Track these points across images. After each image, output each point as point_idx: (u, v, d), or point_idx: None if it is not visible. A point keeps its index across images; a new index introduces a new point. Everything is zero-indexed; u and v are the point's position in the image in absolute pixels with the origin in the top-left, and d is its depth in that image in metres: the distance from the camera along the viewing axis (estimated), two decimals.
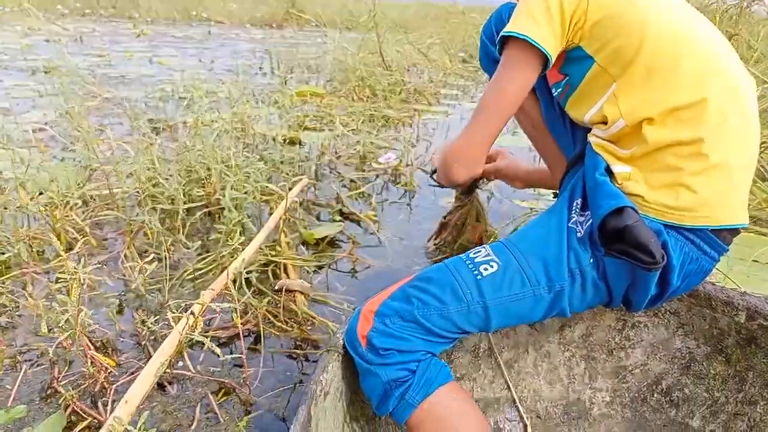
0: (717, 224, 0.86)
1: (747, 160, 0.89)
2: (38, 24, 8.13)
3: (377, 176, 2.48)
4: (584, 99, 0.97)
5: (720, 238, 0.88)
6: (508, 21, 1.08)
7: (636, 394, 1.13)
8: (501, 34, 0.95)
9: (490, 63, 1.34)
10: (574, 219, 0.91)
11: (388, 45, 5.56)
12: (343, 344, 0.96)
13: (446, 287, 0.89)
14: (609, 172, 0.90)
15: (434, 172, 1.38)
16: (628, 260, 0.82)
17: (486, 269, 0.90)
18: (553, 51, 0.91)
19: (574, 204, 0.93)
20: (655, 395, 1.12)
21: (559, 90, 1.05)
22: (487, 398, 1.17)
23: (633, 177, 0.87)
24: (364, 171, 2.55)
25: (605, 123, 0.91)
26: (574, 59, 0.96)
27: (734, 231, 0.89)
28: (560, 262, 0.88)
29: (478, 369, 1.19)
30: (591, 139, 0.97)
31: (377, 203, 2.18)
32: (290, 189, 1.92)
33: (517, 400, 1.16)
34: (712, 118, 0.84)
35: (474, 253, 0.94)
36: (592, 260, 0.88)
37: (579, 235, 0.89)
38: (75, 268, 0.98)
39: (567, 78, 1.01)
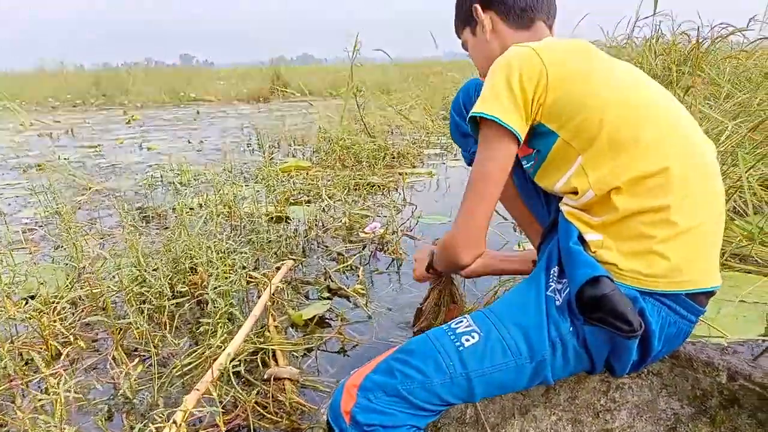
0: (691, 288, 0.88)
1: (714, 222, 0.93)
2: (29, 120, 8.34)
3: (364, 246, 2.51)
4: (552, 171, 1.01)
5: (696, 301, 0.90)
6: (476, 98, 1.15)
7: None
8: (470, 114, 0.99)
9: (459, 137, 1.40)
10: (552, 287, 0.93)
11: (371, 110, 5.72)
12: (327, 421, 0.95)
13: (429, 359, 0.90)
14: (582, 240, 0.93)
15: (428, 267, 1.43)
16: (606, 328, 0.84)
17: (468, 340, 0.91)
18: (520, 129, 0.96)
19: (551, 272, 0.95)
20: None
21: (530, 163, 1.08)
22: None
23: (605, 245, 0.90)
24: (351, 242, 2.58)
25: (576, 193, 0.95)
26: (540, 134, 1.00)
27: (709, 293, 0.92)
28: (540, 331, 0.89)
29: None
30: (563, 207, 1.00)
31: (365, 275, 2.19)
32: (274, 274, 1.94)
33: None
34: (677, 184, 0.87)
35: (455, 324, 0.95)
36: (571, 329, 0.89)
37: (558, 303, 0.90)
38: (55, 386, 0.99)
39: (535, 152, 1.05)
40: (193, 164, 4.47)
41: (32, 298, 1.91)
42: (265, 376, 1.47)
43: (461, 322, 0.95)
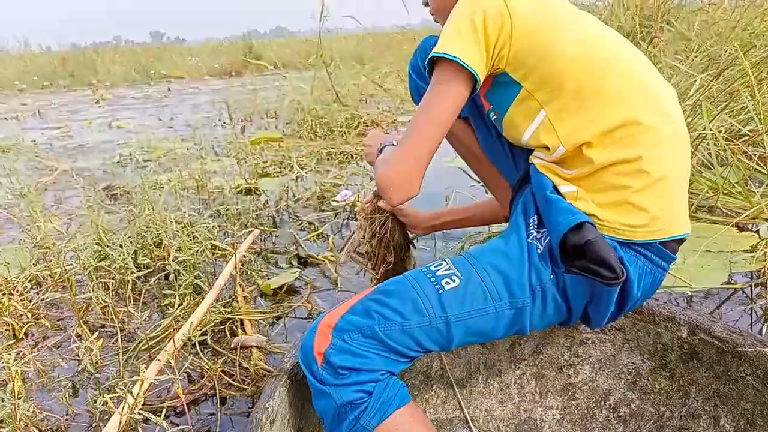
0: (667, 236, 0.89)
1: (683, 169, 0.93)
2: None
3: (336, 215, 2.49)
4: (517, 122, 0.99)
5: (668, 248, 0.90)
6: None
7: (585, 411, 1.14)
8: (430, 54, 0.94)
9: (418, 96, 1.37)
10: (533, 235, 0.91)
11: (344, 80, 5.64)
12: (295, 362, 0.93)
13: (407, 301, 0.87)
14: (557, 191, 0.92)
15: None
16: (589, 276, 0.83)
17: (448, 283, 0.88)
18: (479, 70, 0.91)
19: (530, 221, 0.94)
20: (604, 411, 1.13)
21: (492, 116, 1.07)
22: (439, 419, 1.17)
23: (580, 196, 0.89)
24: (323, 211, 2.55)
25: (547, 149, 0.93)
26: (502, 84, 0.97)
27: (680, 240, 0.92)
28: (522, 278, 0.88)
29: (431, 390, 1.19)
30: (534, 161, 0.99)
31: (336, 243, 2.18)
32: (240, 245, 1.92)
33: (469, 421, 1.16)
34: (646, 134, 0.87)
35: (435, 266, 0.92)
36: (552, 277, 0.88)
37: (539, 251, 0.89)
38: (8, 360, 0.97)
39: (492, 105, 1.04)
40: (164, 141, 4.39)
41: None
42: (233, 345, 1.46)
43: (440, 264, 0.92)
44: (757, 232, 1.90)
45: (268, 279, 1.84)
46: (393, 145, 1.22)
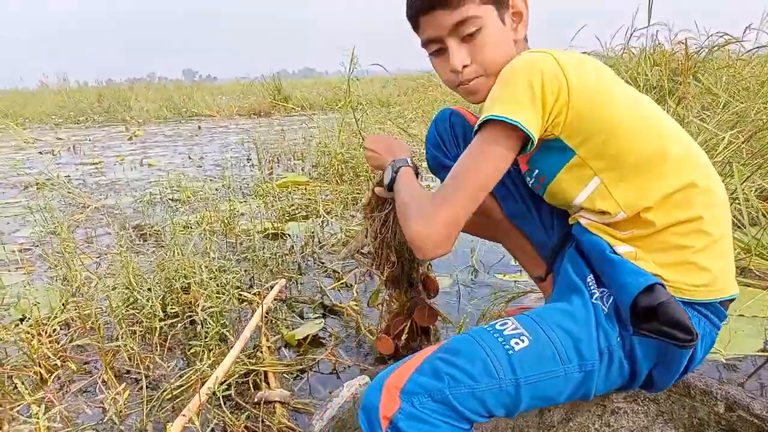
0: (725, 296, 0.89)
1: (730, 228, 0.93)
2: (30, 137, 8.39)
3: (360, 264, 2.50)
4: (565, 188, 0.98)
5: (724, 308, 0.91)
6: (455, 125, 1.12)
7: None
8: (485, 117, 0.89)
9: (439, 169, 1.37)
10: (595, 295, 0.90)
11: (369, 123, 5.72)
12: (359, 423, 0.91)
13: (477, 361, 0.82)
14: (613, 252, 0.91)
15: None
16: (661, 339, 0.81)
17: (517, 344, 0.84)
18: (536, 132, 0.88)
19: (588, 280, 0.92)
20: None
21: (535, 179, 1.05)
22: None
23: (640, 257, 0.88)
24: (348, 258, 2.56)
25: (603, 213, 0.93)
26: (553, 149, 0.95)
27: (732, 300, 0.92)
28: (590, 340, 0.85)
29: None
30: (581, 221, 0.98)
31: (359, 291, 2.18)
32: (267, 293, 1.93)
33: None
34: (702, 195, 0.88)
35: (501, 325, 0.88)
36: (618, 339, 0.86)
37: (605, 311, 0.87)
38: (36, 415, 0.98)
39: (537, 170, 1.02)
40: (193, 180, 4.48)
41: (24, 319, 1.90)
42: (256, 400, 1.45)
43: (506, 324, 0.88)
44: None
45: (293, 329, 1.84)
46: (408, 165, 1.19)
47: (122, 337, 1.56)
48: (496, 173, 0.91)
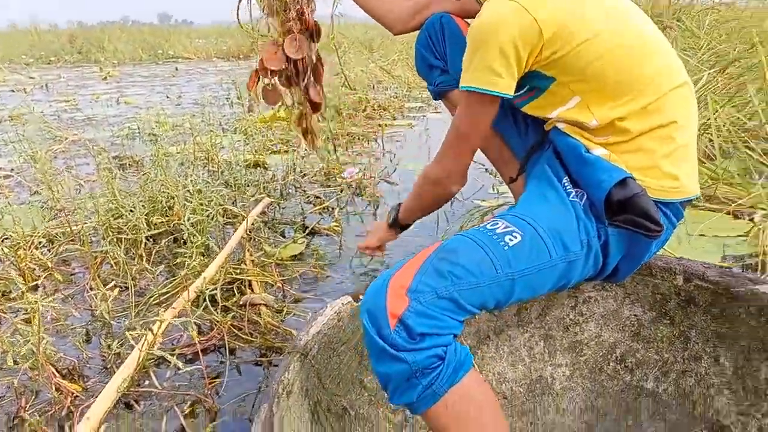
0: (686, 196, 0.94)
1: (695, 135, 0.98)
2: (1, 76, 8.13)
3: (342, 190, 2.53)
4: (544, 106, 1.02)
5: (682, 207, 0.96)
6: (444, 25, 1.13)
7: (593, 365, 1.19)
8: (462, 87, 0.96)
9: (426, 69, 1.40)
10: (572, 194, 0.94)
11: (352, 65, 5.67)
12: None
13: (477, 259, 0.85)
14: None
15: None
16: (633, 229, 0.87)
17: (511, 239, 0.87)
18: (511, 90, 0.94)
19: (563, 182, 0.97)
20: (611, 364, 1.18)
21: (519, 98, 1.07)
22: None
23: (613, 159, 0.93)
24: (329, 187, 2.60)
25: (580, 124, 0.97)
26: (532, 77, 0.98)
27: (690, 201, 0.98)
28: (573, 232, 0.90)
29: None
30: (559, 125, 1.01)
31: (341, 216, 2.22)
32: (251, 209, 1.96)
33: None
34: (671, 105, 0.92)
35: (491, 225, 0.91)
36: (595, 232, 0.91)
37: (582, 208, 0.92)
38: (35, 299, 1.01)
39: (527, 89, 1.04)
40: (172, 117, 4.42)
41: (5, 239, 1.91)
42: (241, 302, 1.51)
43: (496, 223, 0.91)
44: (752, 219, 1.95)
45: (275, 247, 1.89)
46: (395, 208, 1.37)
47: (108, 244, 1.59)
48: (486, 126, 1.03)
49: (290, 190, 2.56)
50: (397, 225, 1.38)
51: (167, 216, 1.95)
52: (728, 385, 1.04)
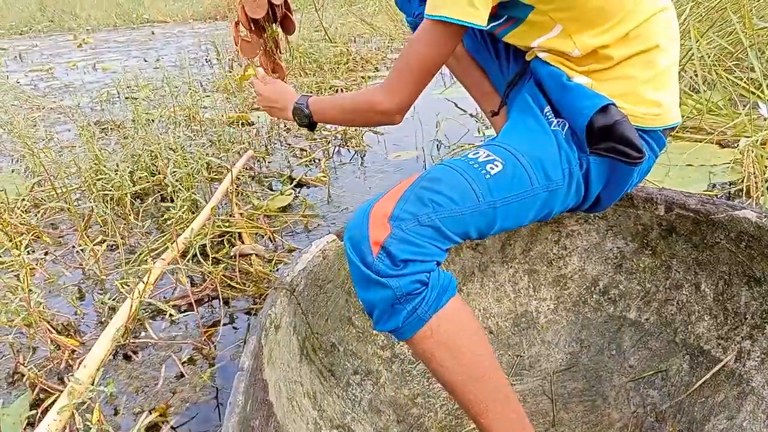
0: (668, 124, 0.93)
1: (677, 60, 0.96)
2: None
3: (328, 142, 2.52)
4: (525, 36, 0.99)
5: (664, 135, 0.95)
6: None
7: (577, 298, 1.21)
8: (432, 15, 0.90)
9: (405, 2, 1.37)
10: (553, 123, 0.93)
11: (332, 19, 5.55)
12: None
13: (458, 187, 0.85)
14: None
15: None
16: (614, 157, 0.86)
17: (492, 168, 0.87)
18: (483, 21, 0.90)
19: (545, 111, 0.95)
20: (594, 296, 1.20)
21: (498, 27, 1.04)
22: None
23: (595, 87, 0.91)
24: (314, 140, 2.58)
25: (562, 53, 0.94)
26: (512, 6, 0.95)
27: (672, 128, 0.97)
28: (555, 161, 0.89)
29: None
30: (540, 54, 0.99)
31: (329, 167, 2.21)
32: (235, 162, 1.95)
33: None
34: (653, 31, 0.90)
35: (473, 154, 0.91)
36: (577, 160, 0.91)
37: (563, 136, 0.91)
38: (19, 253, 1.01)
39: (505, 18, 1.01)
40: (151, 80, 4.33)
41: None
42: (232, 253, 1.51)
43: (477, 152, 0.91)
44: (737, 146, 1.96)
45: (263, 200, 1.88)
46: (307, 96, 1.17)
47: (94, 201, 1.58)
48: (445, 58, 0.97)
49: (275, 145, 2.54)
50: (307, 119, 1.18)
51: (153, 175, 1.93)
52: (709, 311, 1.06)
